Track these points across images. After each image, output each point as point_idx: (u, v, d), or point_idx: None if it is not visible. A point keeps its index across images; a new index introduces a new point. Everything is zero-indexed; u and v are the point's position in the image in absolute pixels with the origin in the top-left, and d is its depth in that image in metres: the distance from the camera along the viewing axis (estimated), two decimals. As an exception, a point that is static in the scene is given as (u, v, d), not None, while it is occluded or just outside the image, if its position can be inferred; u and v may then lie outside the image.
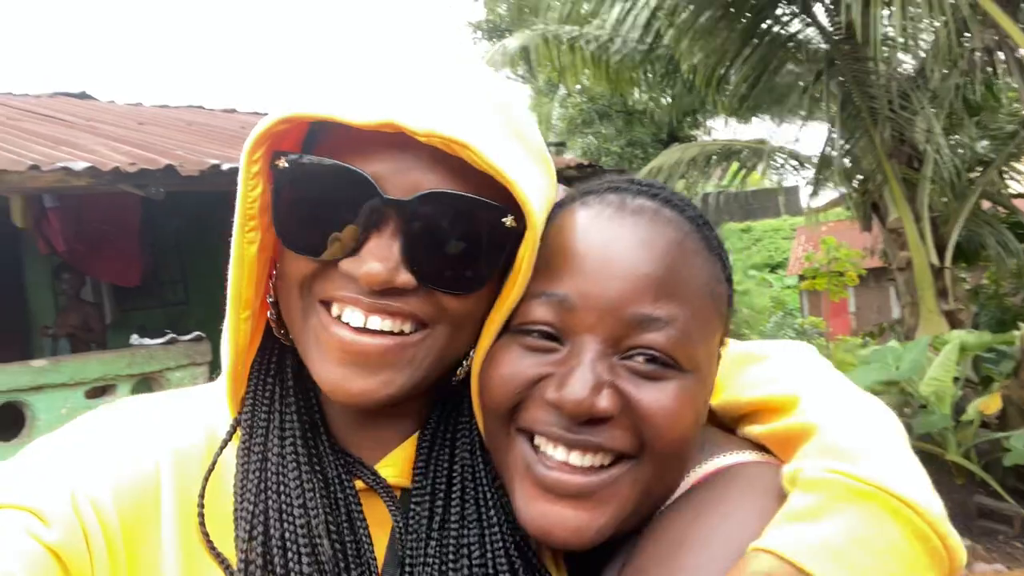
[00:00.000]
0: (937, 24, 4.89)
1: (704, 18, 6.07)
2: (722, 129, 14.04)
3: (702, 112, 11.34)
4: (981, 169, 7.31)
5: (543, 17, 8.46)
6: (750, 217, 22.01)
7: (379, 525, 0.61)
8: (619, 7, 6.95)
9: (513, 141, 0.56)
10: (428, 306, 0.56)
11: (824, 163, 6.97)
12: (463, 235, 0.55)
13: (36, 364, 4.85)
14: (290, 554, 0.53)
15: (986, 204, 7.66)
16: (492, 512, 0.62)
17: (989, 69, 6.74)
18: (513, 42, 8.12)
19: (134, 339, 5.23)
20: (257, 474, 0.57)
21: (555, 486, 0.59)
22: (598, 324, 0.58)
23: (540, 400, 0.59)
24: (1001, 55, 6.30)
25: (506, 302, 0.59)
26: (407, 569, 0.59)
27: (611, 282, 0.58)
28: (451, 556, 0.60)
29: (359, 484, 0.62)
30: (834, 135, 6.24)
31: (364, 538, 0.58)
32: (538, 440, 0.60)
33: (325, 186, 0.53)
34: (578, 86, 11.83)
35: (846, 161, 6.84)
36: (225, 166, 5.16)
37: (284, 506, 0.55)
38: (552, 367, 0.59)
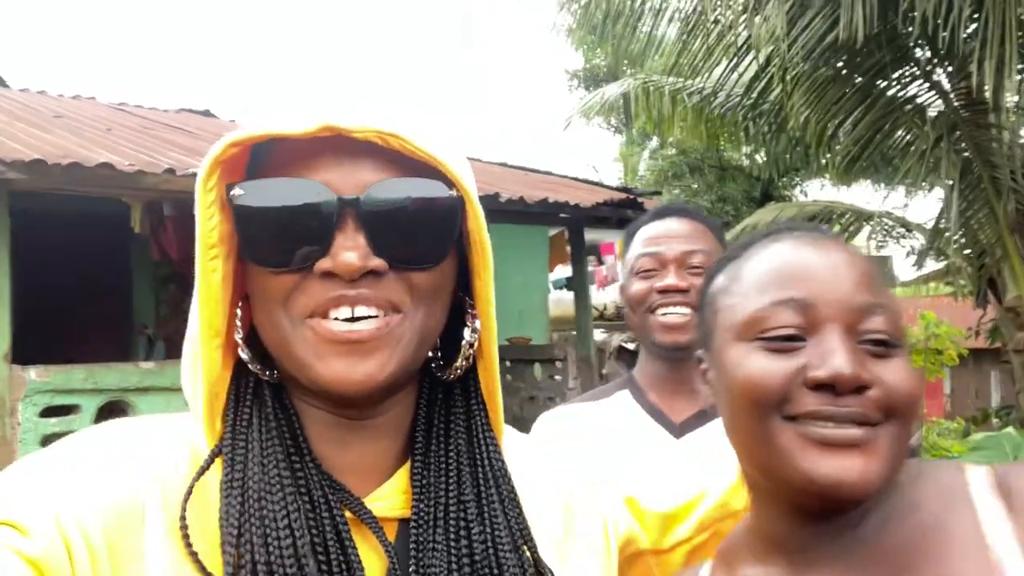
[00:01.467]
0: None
1: (818, 74, 5.91)
2: (818, 192, 13.67)
3: (803, 172, 11.07)
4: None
5: (644, 68, 8.45)
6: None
7: (373, 551, 0.62)
8: (725, 62, 6.87)
9: (439, 138, 0.63)
10: (401, 289, 0.62)
11: (938, 233, 6.62)
12: (417, 214, 0.60)
13: (144, 366, 5.08)
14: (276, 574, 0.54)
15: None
16: (500, 521, 0.65)
17: None
18: (614, 89, 8.12)
19: None
20: (239, 499, 0.57)
21: (838, 439, 0.66)
22: (838, 315, 0.69)
23: (804, 388, 0.68)
24: None
25: (483, 275, 0.67)
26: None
27: (841, 281, 0.70)
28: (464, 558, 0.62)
29: (348, 515, 0.63)
30: (951, 204, 5.91)
31: (355, 560, 0.58)
32: (805, 424, 0.68)
33: (283, 202, 0.57)
34: (671, 139, 11.76)
35: (960, 233, 6.48)
36: None
37: (269, 529, 0.55)
38: (806, 358, 0.68)
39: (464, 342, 0.67)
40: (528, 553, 0.65)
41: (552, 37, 11.60)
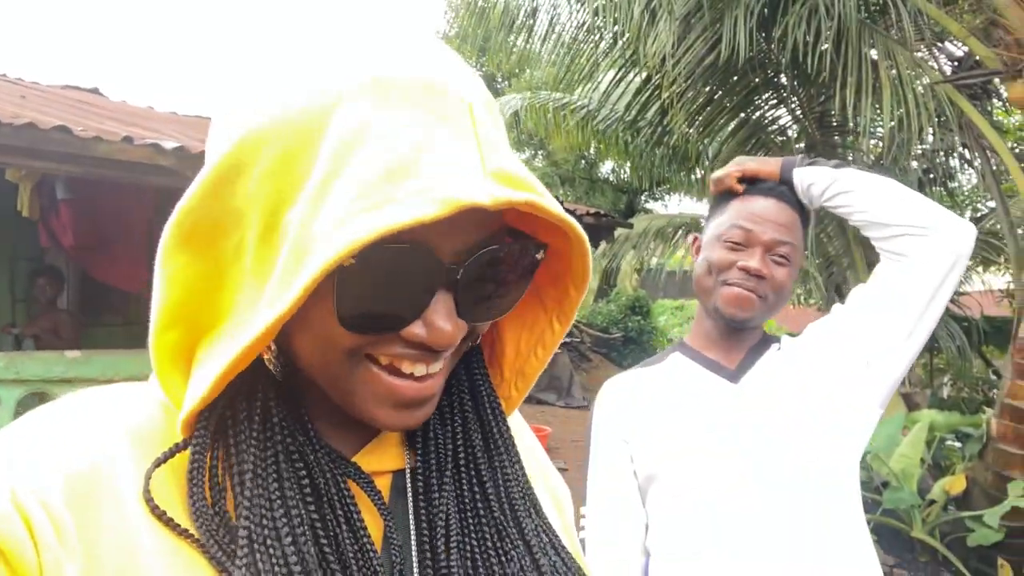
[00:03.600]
0: (900, 113, 5.25)
1: (697, 92, 6.36)
2: (676, 205, 14.54)
3: (666, 186, 11.72)
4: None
5: (524, 81, 8.71)
6: (684, 295, 22.72)
7: (367, 511, 0.58)
8: (609, 77, 7.22)
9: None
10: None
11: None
12: (507, 278, 0.56)
13: (71, 355, 4.57)
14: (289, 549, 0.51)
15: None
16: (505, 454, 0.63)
17: (950, 164, 7.24)
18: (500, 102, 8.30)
19: None
20: (235, 477, 0.53)
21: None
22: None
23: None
24: (963, 152, 6.78)
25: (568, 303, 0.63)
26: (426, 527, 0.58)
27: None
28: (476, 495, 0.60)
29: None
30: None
31: (365, 539, 0.55)
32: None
33: (383, 270, 0.49)
34: (549, 149, 12.12)
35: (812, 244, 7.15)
36: None
37: (263, 500, 0.52)
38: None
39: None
40: (533, 504, 0.63)
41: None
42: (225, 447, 0.54)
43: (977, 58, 5.41)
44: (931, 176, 7.09)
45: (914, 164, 7.17)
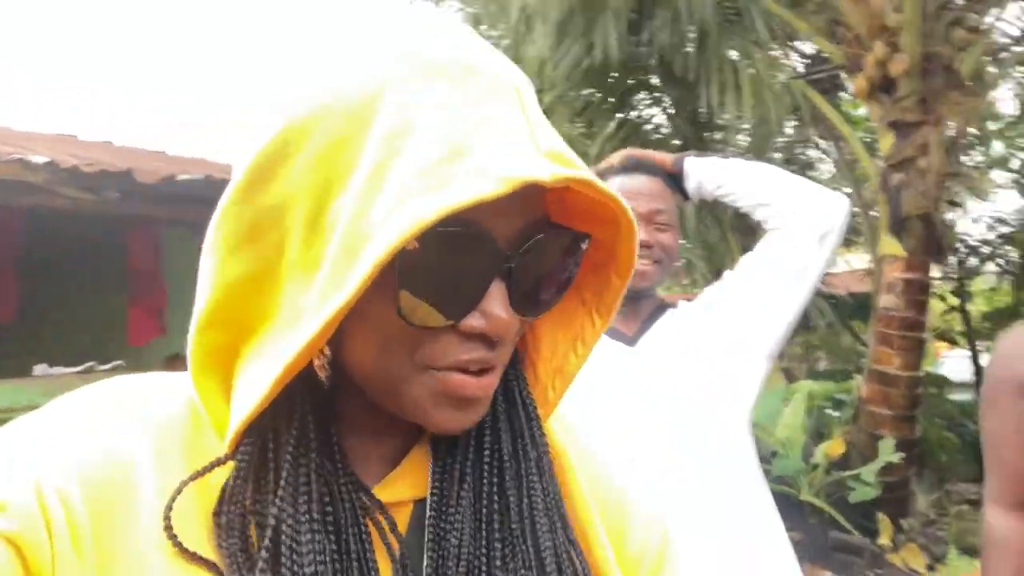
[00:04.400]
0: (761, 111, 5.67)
1: (575, 95, 6.60)
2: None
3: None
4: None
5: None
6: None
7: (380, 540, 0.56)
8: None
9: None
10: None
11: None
12: (553, 269, 0.54)
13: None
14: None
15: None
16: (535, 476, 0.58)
17: (808, 154, 7.82)
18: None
19: (40, 369, 4.58)
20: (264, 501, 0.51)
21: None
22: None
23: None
24: (822, 144, 7.34)
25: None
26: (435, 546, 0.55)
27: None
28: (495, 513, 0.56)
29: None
30: (685, 209, 6.91)
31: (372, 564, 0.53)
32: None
33: (446, 255, 0.47)
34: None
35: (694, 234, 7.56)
36: (182, 176, 4.81)
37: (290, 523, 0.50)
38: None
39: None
40: (563, 533, 0.58)
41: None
42: (264, 469, 0.51)
43: (825, 55, 5.90)
44: (792, 167, 7.64)
45: (777, 155, 7.71)
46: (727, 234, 7.14)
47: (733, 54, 5.82)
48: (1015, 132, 8.75)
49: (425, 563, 0.54)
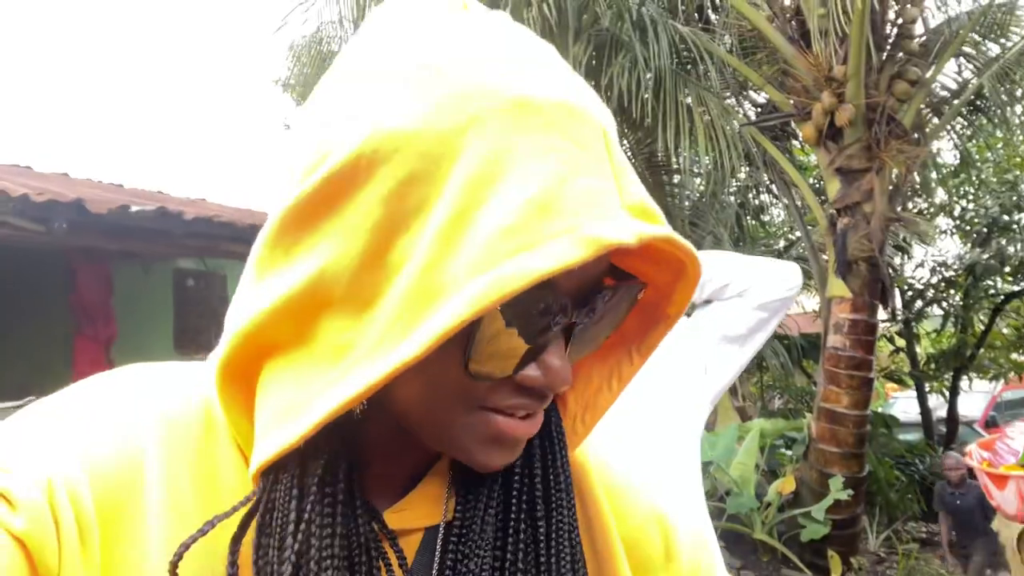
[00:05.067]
0: (713, 154, 5.86)
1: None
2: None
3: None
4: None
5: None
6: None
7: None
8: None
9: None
10: None
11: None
12: (615, 317, 0.53)
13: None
14: None
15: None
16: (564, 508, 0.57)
17: (761, 199, 8.04)
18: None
19: None
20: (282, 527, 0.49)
21: None
22: None
23: None
24: (772, 188, 7.55)
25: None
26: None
27: None
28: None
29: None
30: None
31: None
32: None
33: (520, 313, 0.46)
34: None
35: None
36: (134, 208, 4.72)
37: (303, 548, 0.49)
38: None
39: None
40: (582, 568, 0.57)
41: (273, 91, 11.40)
42: (285, 511, 0.48)
43: (775, 103, 6.12)
44: (746, 209, 7.83)
45: (732, 199, 7.93)
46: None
47: (689, 100, 6.01)
48: (957, 180, 9.14)
49: None
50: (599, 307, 0.50)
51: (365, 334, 0.44)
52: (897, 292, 9.63)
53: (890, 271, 9.08)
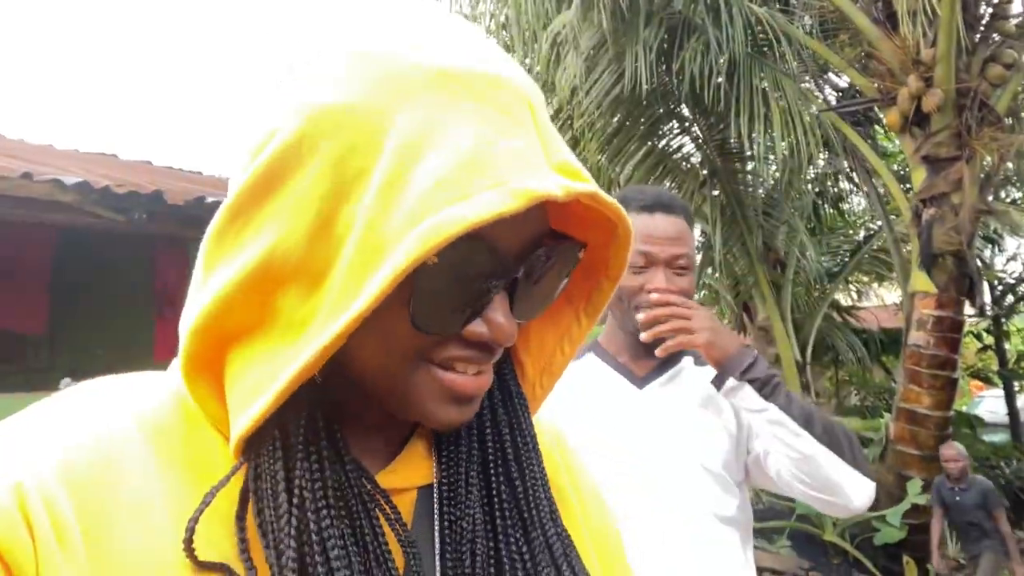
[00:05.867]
0: (790, 141, 5.62)
1: (606, 123, 6.62)
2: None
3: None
4: (828, 281, 8.32)
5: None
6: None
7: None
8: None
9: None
10: None
11: (703, 265, 7.60)
12: (551, 278, 0.56)
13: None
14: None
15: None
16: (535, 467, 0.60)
17: (841, 187, 7.72)
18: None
19: (65, 383, 4.66)
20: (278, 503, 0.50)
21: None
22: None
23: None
24: (853, 176, 7.23)
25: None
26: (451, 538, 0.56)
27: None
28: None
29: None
30: (714, 241, 6.85)
31: (388, 556, 0.53)
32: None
33: (461, 267, 0.49)
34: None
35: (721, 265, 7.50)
36: (209, 199, 4.89)
37: (328, 552, 0.50)
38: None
39: None
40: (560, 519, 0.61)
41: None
42: (272, 472, 0.50)
43: (857, 88, 5.85)
44: (824, 198, 7.53)
45: (809, 187, 7.63)
46: (755, 264, 7.06)
47: (764, 84, 5.80)
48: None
49: (437, 548, 0.56)
50: (538, 266, 0.53)
51: (321, 305, 0.47)
52: (986, 286, 9.13)
53: (979, 264, 8.63)
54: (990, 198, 5.52)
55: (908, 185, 5.94)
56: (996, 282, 9.10)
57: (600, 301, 0.61)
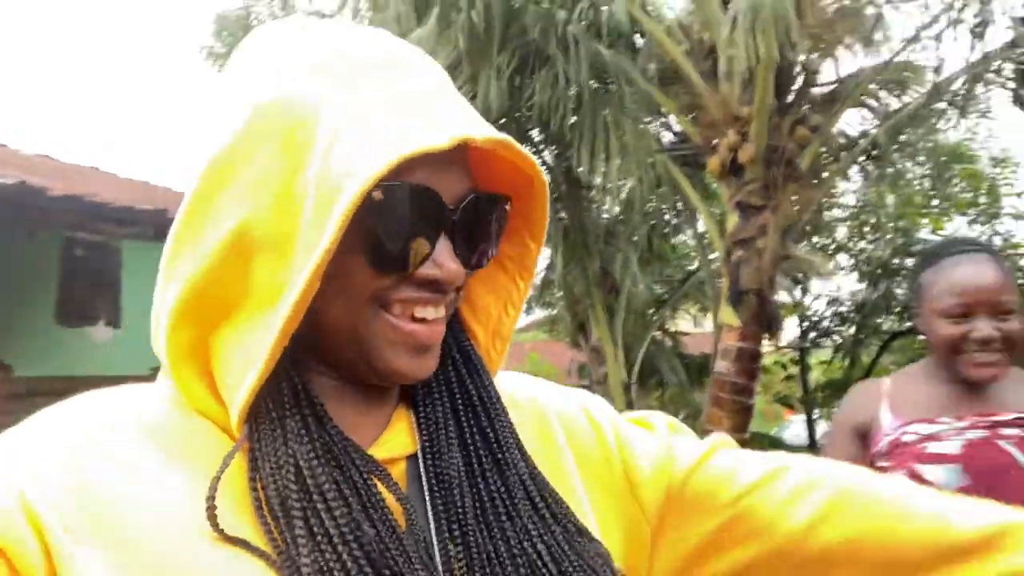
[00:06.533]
0: (633, 181, 6.03)
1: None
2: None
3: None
4: (655, 308, 8.94)
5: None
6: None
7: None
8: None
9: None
10: None
11: (546, 285, 7.92)
12: (485, 228, 0.62)
13: None
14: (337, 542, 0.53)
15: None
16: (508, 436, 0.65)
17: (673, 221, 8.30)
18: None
19: None
20: (293, 479, 0.54)
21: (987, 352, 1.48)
22: (984, 309, 1.45)
23: (971, 339, 1.45)
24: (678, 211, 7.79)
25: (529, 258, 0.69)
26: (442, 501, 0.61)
27: (987, 291, 1.46)
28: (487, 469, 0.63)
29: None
30: (556, 263, 7.18)
31: (391, 518, 0.57)
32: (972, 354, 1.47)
33: (405, 206, 0.56)
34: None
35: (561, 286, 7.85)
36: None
37: (329, 502, 0.54)
38: (967, 328, 1.45)
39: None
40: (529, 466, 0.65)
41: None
42: (273, 444, 0.55)
43: (687, 133, 6.35)
44: (654, 231, 8.03)
45: (643, 220, 8.16)
46: (591, 288, 7.46)
47: (608, 119, 6.17)
48: (856, 222, 9.67)
49: (429, 512, 0.59)
50: (471, 211, 0.59)
51: (292, 267, 0.53)
52: (797, 320, 10.13)
53: (791, 301, 9.56)
54: (802, 244, 6.16)
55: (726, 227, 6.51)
56: (802, 318, 10.11)
57: (530, 261, 0.68)
